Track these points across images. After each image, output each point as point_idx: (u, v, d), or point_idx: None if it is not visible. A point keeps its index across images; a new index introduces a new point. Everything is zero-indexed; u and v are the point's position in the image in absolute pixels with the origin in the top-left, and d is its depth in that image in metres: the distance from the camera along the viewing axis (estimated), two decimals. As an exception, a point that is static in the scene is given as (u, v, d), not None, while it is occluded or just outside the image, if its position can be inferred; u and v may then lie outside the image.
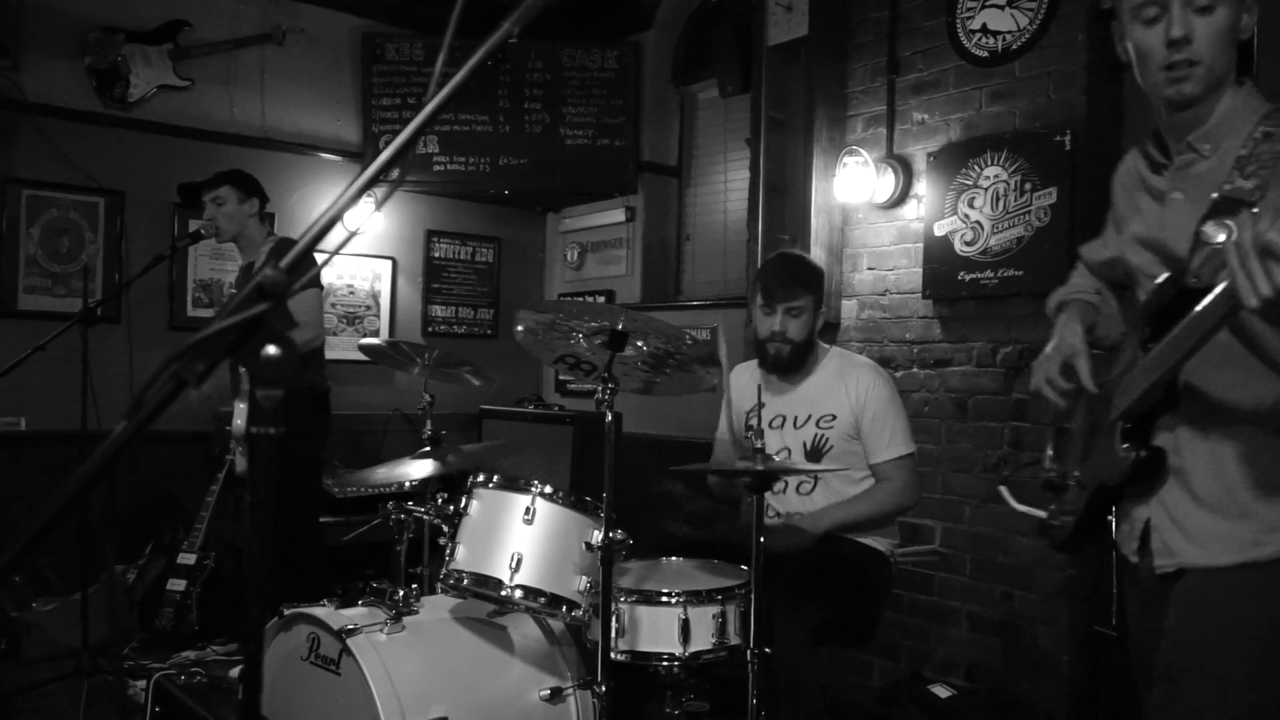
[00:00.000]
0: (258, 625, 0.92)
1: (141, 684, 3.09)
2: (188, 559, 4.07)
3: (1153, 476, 1.63)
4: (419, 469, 2.77)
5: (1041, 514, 1.89)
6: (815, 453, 2.81)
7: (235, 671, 3.06)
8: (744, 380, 2.99)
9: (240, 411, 3.78)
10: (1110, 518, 1.78)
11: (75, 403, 3.70)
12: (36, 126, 4.59)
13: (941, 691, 3.20)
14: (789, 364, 2.83)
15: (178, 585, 4.01)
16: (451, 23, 1.00)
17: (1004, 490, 2.15)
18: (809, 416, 2.83)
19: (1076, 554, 1.93)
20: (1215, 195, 1.54)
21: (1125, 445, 1.64)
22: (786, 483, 2.83)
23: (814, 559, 2.64)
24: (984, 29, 3.72)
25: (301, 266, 0.93)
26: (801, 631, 2.43)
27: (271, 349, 0.88)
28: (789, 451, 2.85)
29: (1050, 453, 1.95)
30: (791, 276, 2.82)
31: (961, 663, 3.72)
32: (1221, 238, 1.46)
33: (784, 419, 2.87)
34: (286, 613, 2.49)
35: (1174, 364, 1.49)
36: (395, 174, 0.97)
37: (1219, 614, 1.54)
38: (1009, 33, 3.65)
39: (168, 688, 2.84)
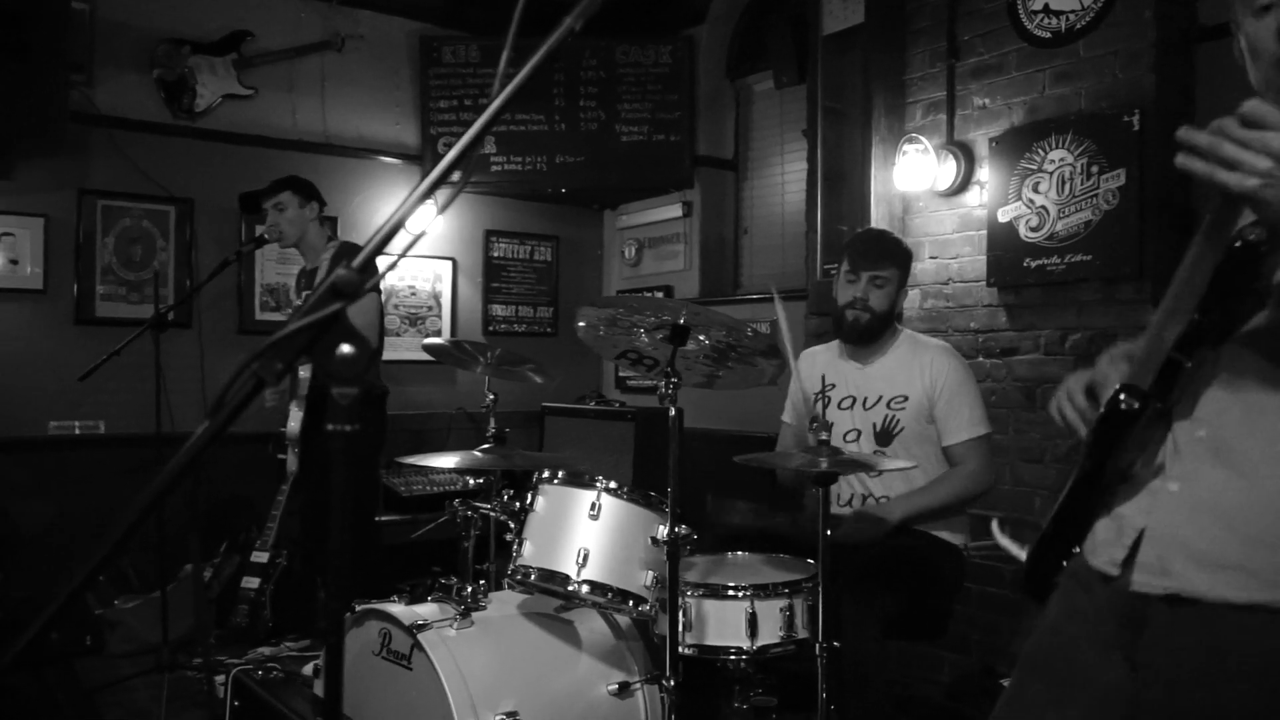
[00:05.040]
0: (338, 619, 0.94)
1: (221, 679, 3.17)
2: (261, 557, 4.16)
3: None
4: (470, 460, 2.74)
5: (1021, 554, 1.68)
6: (885, 434, 2.79)
7: (309, 667, 3.11)
8: (810, 366, 2.96)
9: (294, 414, 3.85)
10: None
11: (150, 406, 3.81)
12: (109, 138, 4.72)
13: (1014, 685, 3.13)
14: (864, 332, 2.81)
15: (251, 583, 4.11)
16: (514, 21, 1.01)
17: (994, 526, 1.87)
18: (879, 398, 2.81)
19: (1036, 594, 1.67)
20: None
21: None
22: None
23: (884, 552, 2.61)
24: (1046, 9, 3.64)
25: (371, 268, 0.94)
26: (871, 625, 2.41)
27: (345, 347, 0.89)
28: (858, 433, 2.82)
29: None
30: (881, 247, 2.87)
31: (1034, 657, 3.64)
32: None
33: (854, 400, 2.85)
34: (359, 608, 2.54)
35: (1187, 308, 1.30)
36: (458, 176, 0.98)
37: (1236, 659, 1.30)
38: (1072, 12, 3.56)
39: (246, 683, 2.91)
